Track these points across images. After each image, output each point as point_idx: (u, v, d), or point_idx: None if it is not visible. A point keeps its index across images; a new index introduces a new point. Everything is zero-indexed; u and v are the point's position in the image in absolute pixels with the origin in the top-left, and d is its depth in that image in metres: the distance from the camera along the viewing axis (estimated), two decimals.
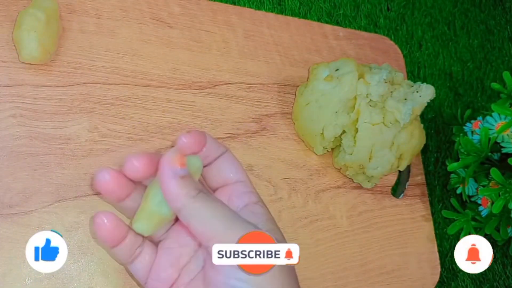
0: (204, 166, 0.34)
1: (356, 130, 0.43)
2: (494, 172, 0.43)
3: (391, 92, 0.43)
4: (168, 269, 0.32)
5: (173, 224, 0.34)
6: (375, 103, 0.42)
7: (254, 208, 0.32)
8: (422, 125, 0.46)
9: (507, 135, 0.45)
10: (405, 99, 0.42)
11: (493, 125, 0.46)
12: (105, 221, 0.31)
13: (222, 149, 0.34)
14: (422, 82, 0.44)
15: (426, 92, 0.43)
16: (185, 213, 0.29)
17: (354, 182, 0.46)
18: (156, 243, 0.34)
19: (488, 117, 0.46)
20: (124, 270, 0.37)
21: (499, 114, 0.46)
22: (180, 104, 0.42)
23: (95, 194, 0.38)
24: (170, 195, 0.29)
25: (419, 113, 0.44)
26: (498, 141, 0.45)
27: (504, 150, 0.45)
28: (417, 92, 0.43)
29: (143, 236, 0.33)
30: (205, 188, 0.31)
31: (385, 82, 0.42)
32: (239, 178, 0.34)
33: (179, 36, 0.44)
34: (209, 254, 0.29)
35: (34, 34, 0.36)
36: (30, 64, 0.38)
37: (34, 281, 0.35)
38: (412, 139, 0.44)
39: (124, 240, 0.32)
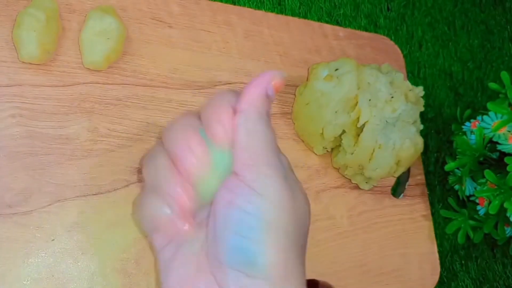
0: None
1: (356, 130, 0.43)
2: (488, 173, 0.43)
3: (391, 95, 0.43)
4: None
5: None
6: (375, 103, 0.42)
7: None
8: (420, 135, 0.45)
9: (503, 134, 0.45)
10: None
11: (489, 124, 0.46)
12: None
13: None
14: (423, 82, 0.44)
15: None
16: (246, 122, 0.28)
17: (352, 182, 0.46)
18: None
19: (485, 117, 0.46)
20: (123, 271, 0.37)
21: (495, 114, 0.46)
22: (180, 104, 0.42)
23: (94, 194, 0.38)
24: (250, 96, 0.28)
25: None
26: (496, 140, 0.45)
27: (499, 147, 0.45)
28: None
29: None
30: None
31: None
32: None
33: (178, 36, 0.44)
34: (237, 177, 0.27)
35: (33, 34, 0.36)
36: (30, 63, 0.38)
37: (34, 281, 0.35)
38: (411, 146, 0.43)
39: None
